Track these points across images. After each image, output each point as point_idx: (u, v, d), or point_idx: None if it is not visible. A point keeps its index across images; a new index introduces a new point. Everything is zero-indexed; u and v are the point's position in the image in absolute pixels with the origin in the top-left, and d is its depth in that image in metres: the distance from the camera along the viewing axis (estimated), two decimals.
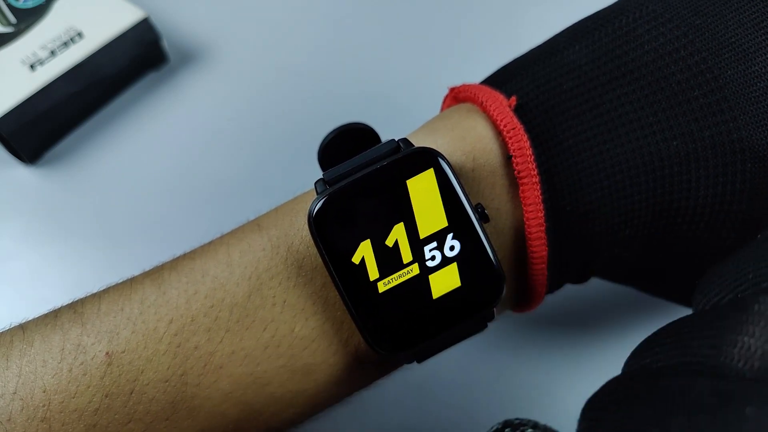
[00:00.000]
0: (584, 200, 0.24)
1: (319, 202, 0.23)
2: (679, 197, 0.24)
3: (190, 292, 0.23)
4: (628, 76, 0.24)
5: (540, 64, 0.25)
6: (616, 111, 0.24)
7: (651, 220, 0.24)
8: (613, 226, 0.24)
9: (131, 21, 0.44)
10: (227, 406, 0.23)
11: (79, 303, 0.24)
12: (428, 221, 0.23)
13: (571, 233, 0.24)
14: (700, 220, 0.24)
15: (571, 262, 0.25)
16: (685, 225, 0.24)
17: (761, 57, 0.24)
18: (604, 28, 0.25)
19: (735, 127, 0.23)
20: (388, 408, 0.35)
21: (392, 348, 0.23)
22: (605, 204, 0.24)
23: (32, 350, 0.23)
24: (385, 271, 0.23)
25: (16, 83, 0.41)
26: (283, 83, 0.47)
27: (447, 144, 0.25)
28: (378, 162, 0.23)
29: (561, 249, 0.25)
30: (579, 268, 0.26)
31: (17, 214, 0.42)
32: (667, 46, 0.24)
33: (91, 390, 0.22)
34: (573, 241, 0.25)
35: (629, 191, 0.24)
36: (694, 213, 0.24)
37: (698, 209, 0.24)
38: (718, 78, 0.23)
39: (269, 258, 0.24)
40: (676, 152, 0.24)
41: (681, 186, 0.24)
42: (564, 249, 0.25)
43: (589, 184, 0.24)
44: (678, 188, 0.24)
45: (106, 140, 0.45)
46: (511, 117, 0.24)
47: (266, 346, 0.23)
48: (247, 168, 0.43)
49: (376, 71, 0.47)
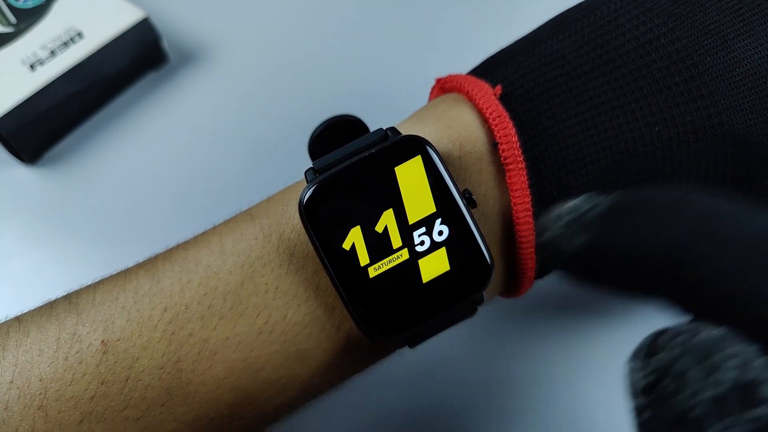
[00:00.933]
0: (570, 185, 0.24)
1: (309, 190, 0.23)
2: (662, 181, 0.24)
3: (184, 281, 0.24)
4: (611, 64, 0.25)
5: (525, 54, 0.26)
6: (599, 98, 0.24)
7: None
8: None
9: (131, 21, 0.45)
10: (222, 391, 0.24)
11: (74, 294, 0.25)
12: (417, 207, 0.23)
13: None
14: None
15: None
16: None
17: (740, 43, 0.24)
18: (587, 18, 0.26)
19: (716, 111, 0.24)
20: (382, 393, 0.35)
21: (384, 333, 0.23)
22: (590, 189, 0.24)
23: (28, 340, 0.23)
24: (375, 256, 0.23)
25: (16, 83, 0.42)
26: (283, 83, 0.47)
27: (434, 132, 0.25)
28: (366, 150, 0.24)
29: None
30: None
31: (17, 214, 0.42)
32: (648, 34, 0.24)
33: (87, 378, 0.23)
34: None
35: (614, 176, 0.24)
36: None
37: None
38: (698, 64, 0.24)
39: (261, 246, 0.24)
40: (658, 137, 0.24)
41: (665, 170, 0.24)
42: None
43: (574, 170, 0.24)
44: (662, 173, 0.24)
45: (106, 140, 0.45)
46: (497, 105, 0.24)
47: (259, 332, 0.24)
48: (247, 167, 0.44)
49: (375, 70, 0.47)
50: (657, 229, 0.18)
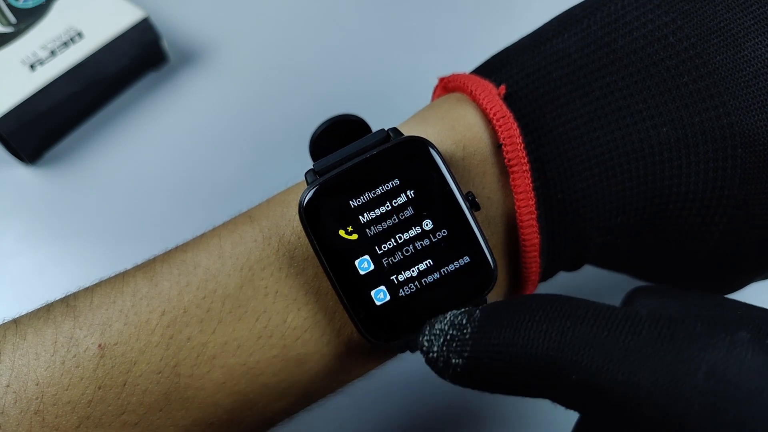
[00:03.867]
0: (575, 188, 0.24)
1: (309, 193, 0.23)
2: (670, 183, 0.24)
3: (182, 284, 0.24)
4: (617, 63, 0.24)
5: (529, 53, 0.25)
6: (605, 98, 0.24)
7: (643, 206, 0.24)
8: (605, 214, 0.24)
9: (131, 21, 0.45)
10: (220, 396, 0.23)
11: (71, 297, 0.24)
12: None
13: (563, 221, 0.24)
14: (691, 206, 0.24)
15: (563, 249, 0.25)
16: (677, 211, 0.24)
17: (750, 42, 0.24)
18: (593, 15, 0.25)
19: (725, 112, 0.23)
20: (382, 398, 0.35)
21: (385, 337, 0.23)
22: (596, 191, 0.24)
23: (25, 344, 0.23)
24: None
25: (16, 83, 0.42)
26: (282, 83, 0.47)
27: (437, 133, 0.25)
28: (367, 151, 0.23)
29: (553, 237, 0.25)
30: (572, 256, 0.26)
31: (17, 214, 0.42)
32: (656, 32, 0.24)
33: (84, 382, 0.22)
34: (565, 228, 0.25)
35: (620, 178, 0.24)
36: (686, 199, 0.24)
37: (690, 195, 0.24)
38: (707, 63, 0.23)
39: (261, 249, 0.24)
40: (666, 138, 0.23)
41: (672, 172, 0.24)
42: (556, 237, 0.25)
43: (579, 172, 0.24)
44: (669, 174, 0.24)
45: (106, 140, 0.45)
46: (501, 105, 0.24)
47: (259, 336, 0.23)
48: (247, 168, 0.43)
49: (376, 70, 0.47)
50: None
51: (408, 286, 0.23)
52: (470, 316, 0.21)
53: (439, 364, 0.21)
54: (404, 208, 0.23)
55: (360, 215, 0.23)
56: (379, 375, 0.28)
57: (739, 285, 0.28)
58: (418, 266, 0.23)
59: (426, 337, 0.21)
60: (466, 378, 0.21)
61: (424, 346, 0.21)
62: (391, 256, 0.23)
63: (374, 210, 0.23)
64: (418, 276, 0.23)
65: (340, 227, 0.23)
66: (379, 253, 0.23)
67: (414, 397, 0.35)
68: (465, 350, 0.20)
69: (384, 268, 0.23)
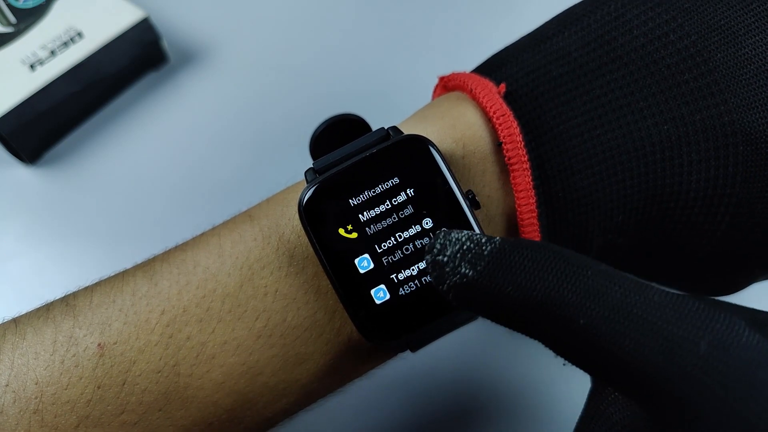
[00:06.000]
0: (576, 186, 0.24)
1: (309, 191, 0.23)
2: (671, 182, 0.24)
3: (182, 283, 0.23)
4: (618, 61, 0.24)
5: (529, 52, 0.25)
6: (606, 96, 0.24)
7: (644, 205, 0.24)
8: (607, 212, 0.24)
9: (131, 21, 0.45)
10: (220, 395, 0.23)
11: (71, 296, 0.24)
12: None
13: (564, 219, 0.24)
14: (693, 204, 0.24)
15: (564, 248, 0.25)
16: (679, 209, 0.24)
17: (751, 39, 0.23)
18: (593, 14, 0.25)
19: (726, 110, 0.23)
20: (382, 397, 0.35)
21: (385, 337, 0.23)
22: (598, 189, 0.24)
23: (24, 343, 0.23)
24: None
25: (16, 83, 0.42)
26: (282, 83, 0.47)
27: (437, 132, 0.25)
28: (367, 150, 0.23)
29: (554, 235, 0.25)
30: None
31: (17, 214, 0.42)
32: (657, 30, 0.24)
33: (84, 381, 0.22)
34: (566, 227, 0.25)
35: (621, 176, 0.24)
36: (687, 197, 0.24)
37: (691, 193, 0.24)
38: (708, 61, 0.23)
39: (260, 248, 0.24)
40: (667, 136, 0.23)
41: (673, 170, 0.24)
42: (557, 235, 0.25)
43: (580, 170, 0.24)
44: (670, 172, 0.24)
45: (106, 140, 0.45)
46: (501, 104, 0.24)
47: (258, 335, 0.23)
48: (247, 167, 0.43)
49: (376, 69, 0.47)
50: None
51: (408, 285, 0.23)
52: (491, 239, 0.20)
53: (446, 268, 0.20)
54: (404, 207, 0.23)
55: (360, 214, 0.23)
56: (379, 375, 0.28)
57: (742, 285, 0.28)
58: (418, 265, 0.23)
59: (440, 240, 0.20)
60: (468, 291, 0.19)
61: (435, 247, 0.20)
62: (391, 255, 0.23)
63: (374, 208, 0.23)
64: (418, 275, 0.23)
65: (340, 226, 0.23)
66: (378, 251, 0.23)
67: (414, 397, 0.35)
68: (479, 264, 0.19)
69: (384, 267, 0.22)
